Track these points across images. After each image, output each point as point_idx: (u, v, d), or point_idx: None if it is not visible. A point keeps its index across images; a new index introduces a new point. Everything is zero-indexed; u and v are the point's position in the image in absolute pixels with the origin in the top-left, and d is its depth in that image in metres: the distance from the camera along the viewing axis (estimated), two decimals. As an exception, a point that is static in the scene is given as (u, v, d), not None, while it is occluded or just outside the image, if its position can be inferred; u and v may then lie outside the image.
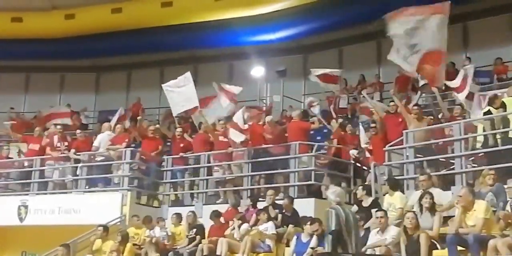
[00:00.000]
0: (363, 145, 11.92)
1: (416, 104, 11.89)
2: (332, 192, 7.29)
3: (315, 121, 13.21)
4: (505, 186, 8.14)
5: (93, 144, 14.06)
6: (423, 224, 8.43)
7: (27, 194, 14.35)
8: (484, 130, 10.23)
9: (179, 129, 14.01)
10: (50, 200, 13.86)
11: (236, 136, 12.32)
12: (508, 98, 10.33)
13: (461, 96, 11.25)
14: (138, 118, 15.09)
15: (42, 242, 12.71)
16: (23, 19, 20.87)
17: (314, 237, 9.23)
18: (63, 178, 14.22)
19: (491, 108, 10.37)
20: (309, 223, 9.44)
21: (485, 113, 10.44)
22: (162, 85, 14.08)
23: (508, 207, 7.80)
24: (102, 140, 14.01)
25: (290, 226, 10.37)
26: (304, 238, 9.44)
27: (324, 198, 11.70)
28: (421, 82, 12.04)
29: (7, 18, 20.75)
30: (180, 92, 13.50)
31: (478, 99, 11.41)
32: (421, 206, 8.71)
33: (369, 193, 10.12)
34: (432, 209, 8.59)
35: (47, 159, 14.37)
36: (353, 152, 12.25)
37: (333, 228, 6.81)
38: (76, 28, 20.38)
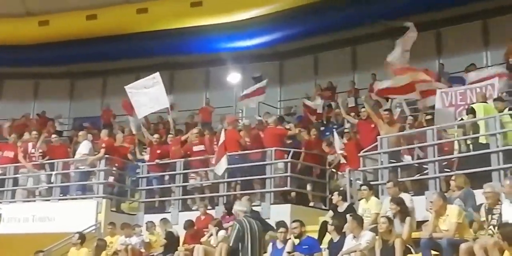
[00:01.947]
0: (338, 151, 11.99)
1: (387, 109, 12.01)
2: (239, 204, 8.04)
3: (292, 127, 13.25)
4: (482, 191, 8.18)
5: (81, 152, 13.66)
6: (398, 229, 8.52)
7: (0, 202, 14.17)
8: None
9: (156, 136, 13.91)
10: (24, 208, 13.69)
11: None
12: (477, 104, 10.42)
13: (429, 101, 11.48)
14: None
15: (16, 251, 12.49)
16: (-4, 26, 20.67)
17: (289, 242, 9.23)
18: (37, 186, 14.06)
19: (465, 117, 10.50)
20: (281, 229, 9.38)
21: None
22: (125, 87, 13.91)
23: (482, 211, 7.88)
24: (91, 148, 13.70)
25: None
26: (279, 244, 9.41)
27: (299, 204, 11.80)
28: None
29: (-19, 24, 20.53)
30: (147, 93, 13.36)
31: (440, 96, 11.48)
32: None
33: (344, 199, 10.21)
34: (400, 215, 8.69)
35: (21, 167, 14.20)
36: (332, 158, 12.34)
37: (231, 244, 7.43)
38: (50, 35, 20.17)
